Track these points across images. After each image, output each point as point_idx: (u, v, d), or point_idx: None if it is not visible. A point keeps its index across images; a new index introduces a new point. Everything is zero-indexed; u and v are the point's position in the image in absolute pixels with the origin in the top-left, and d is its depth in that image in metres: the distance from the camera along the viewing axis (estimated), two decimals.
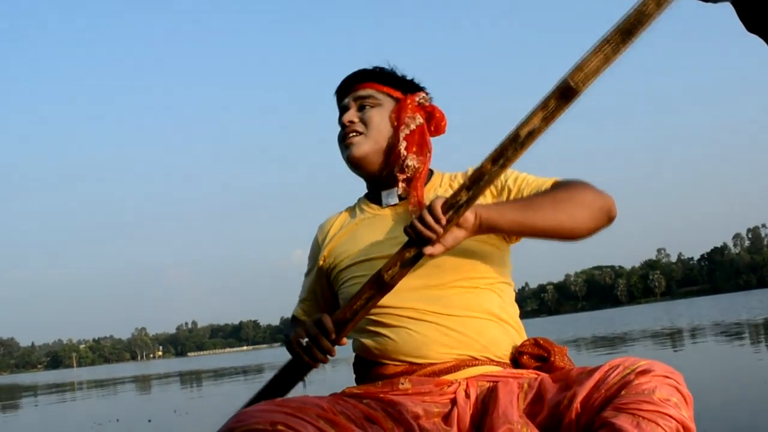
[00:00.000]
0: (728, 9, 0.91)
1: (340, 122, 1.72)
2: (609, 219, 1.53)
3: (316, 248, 1.79)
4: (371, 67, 1.73)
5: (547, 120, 1.32)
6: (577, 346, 14.15)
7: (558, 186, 1.58)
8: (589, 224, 1.50)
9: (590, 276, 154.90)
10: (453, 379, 1.49)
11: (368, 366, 1.60)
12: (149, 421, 7.87)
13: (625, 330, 19.54)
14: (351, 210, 1.78)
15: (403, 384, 1.49)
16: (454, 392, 1.46)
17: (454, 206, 1.38)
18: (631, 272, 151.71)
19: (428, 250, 1.39)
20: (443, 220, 1.38)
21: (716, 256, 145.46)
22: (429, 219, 1.37)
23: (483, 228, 1.44)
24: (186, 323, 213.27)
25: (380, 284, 1.44)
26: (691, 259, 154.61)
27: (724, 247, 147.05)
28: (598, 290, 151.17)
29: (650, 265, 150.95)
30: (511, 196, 1.62)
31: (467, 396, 1.45)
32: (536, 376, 1.49)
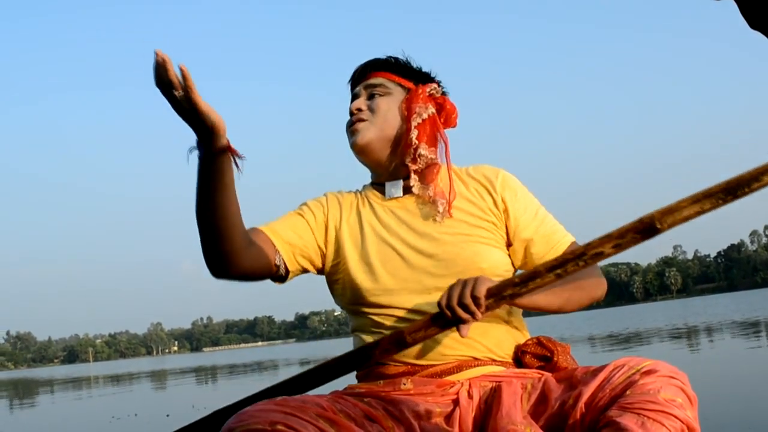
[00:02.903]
0: (731, 6, 0.91)
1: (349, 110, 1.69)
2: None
3: (322, 209, 1.67)
4: (384, 57, 1.70)
5: (618, 249, 1.30)
6: (592, 344, 14.09)
7: None
8: (581, 308, 1.59)
9: (605, 273, 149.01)
10: (455, 380, 1.48)
11: (369, 364, 1.58)
12: (167, 415, 7.91)
13: (641, 328, 19.43)
14: (360, 195, 1.71)
15: (405, 384, 1.48)
16: (457, 393, 1.45)
17: (497, 296, 1.37)
18: (647, 269, 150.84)
19: (464, 331, 1.38)
20: (483, 308, 1.36)
21: (733, 254, 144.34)
22: (472, 306, 1.35)
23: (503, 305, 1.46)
24: (201, 319, 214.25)
25: (401, 344, 1.43)
26: (708, 256, 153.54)
27: (741, 244, 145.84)
28: (613, 287, 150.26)
29: (666, 263, 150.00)
30: (525, 236, 1.59)
31: (470, 397, 1.44)
32: (540, 376, 1.47)
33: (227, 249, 1.47)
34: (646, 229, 1.28)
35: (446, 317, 1.37)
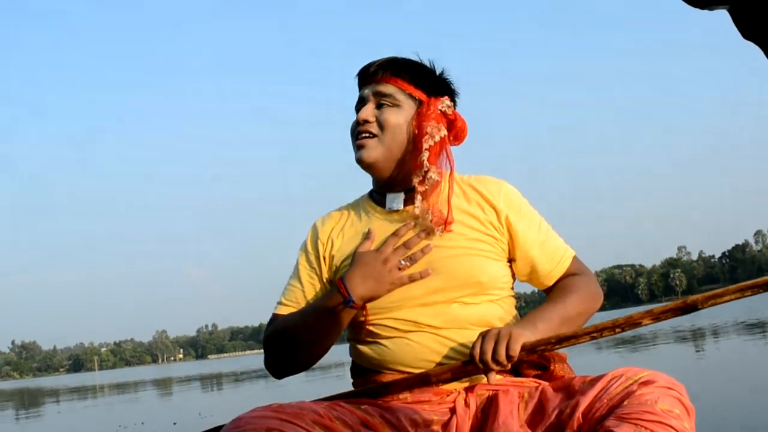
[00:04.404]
0: (724, 15, 0.92)
1: (356, 116, 1.61)
2: None
3: (314, 247, 1.66)
4: (398, 59, 1.61)
5: (655, 321, 1.38)
6: (597, 347, 14.08)
7: (573, 281, 1.61)
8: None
9: (610, 275, 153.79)
10: (452, 389, 1.48)
11: (366, 373, 1.58)
12: (174, 423, 7.93)
13: (645, 330, 19.39)
14: (354, 209, 1.68)
15: (402, 393, 1.49)
16: (454, 401, 1.45)
17: (530, 351, 1.42)
18: (651, 271, 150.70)
19: (492, 379, 1.42)
20: (515, 360, 1.40)
21: (737, 254, 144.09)
22: (505, 362, 1.38)
23: None
24: (206, 326, 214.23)
25: (425, 383, 1.47)
26: (713, 257, 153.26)
27: (746, 244, 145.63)
28: (618, 289, 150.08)
29: (671, 264, 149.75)
30: (531, 254, 1.60)
31: (467, 405, 1.44)
32: (537, 385, 1.47)
33: (309, 364, 1.63)
34: (687, 308, 1.36)
35: (477, 366, 1.41)
